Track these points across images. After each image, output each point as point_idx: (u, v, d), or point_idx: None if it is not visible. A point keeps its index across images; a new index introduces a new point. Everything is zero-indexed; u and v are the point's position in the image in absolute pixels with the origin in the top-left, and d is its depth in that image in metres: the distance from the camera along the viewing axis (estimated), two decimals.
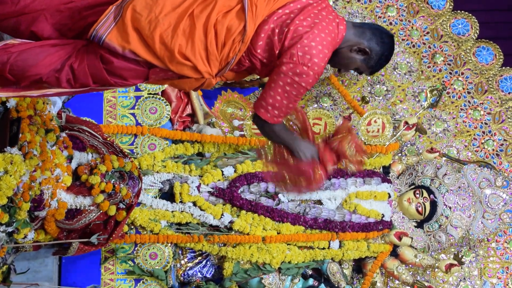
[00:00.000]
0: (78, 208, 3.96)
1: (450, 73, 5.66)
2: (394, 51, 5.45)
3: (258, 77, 4.87)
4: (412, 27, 5.62)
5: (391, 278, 5.34)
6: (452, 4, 5.60)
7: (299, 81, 2.92)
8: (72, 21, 2.99)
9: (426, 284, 5.22)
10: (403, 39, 5.61)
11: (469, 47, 5.60)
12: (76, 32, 3.02)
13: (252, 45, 2.97)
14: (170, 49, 2.85)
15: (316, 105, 5.60)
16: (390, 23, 5.61)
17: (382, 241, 5.19)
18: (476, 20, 5.59)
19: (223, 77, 3.11)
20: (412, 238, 5.17)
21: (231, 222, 4.73)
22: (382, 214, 5.09)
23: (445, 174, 5.28)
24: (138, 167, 4.52)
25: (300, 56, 2.89)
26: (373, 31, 3.09)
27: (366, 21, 5.53)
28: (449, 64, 5.64)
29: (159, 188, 4.68)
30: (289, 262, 4.91)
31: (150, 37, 2.85)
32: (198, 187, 4.67)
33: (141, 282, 4.70)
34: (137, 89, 4.79)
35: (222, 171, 4.78)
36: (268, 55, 2.98)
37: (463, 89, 5.66)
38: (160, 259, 4.65)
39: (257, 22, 2.90)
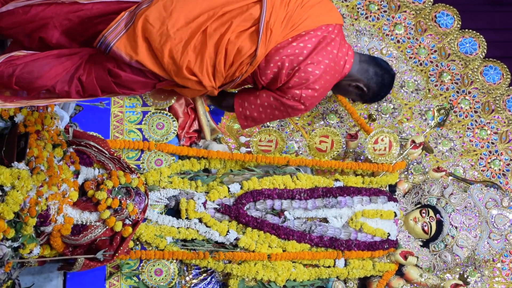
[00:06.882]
0: (84, 223, 3.95)
1: (457, 92, 5.65)
2: (402, 70, 5.48)
3: None
4: (419, 45, 5.62)
5: None
6: (460, 23, 5.60)
7: (290, 112, 3.07)
8: (82, 28, 3.00)
9: None
10: (410, 57, 5.60)
11: (476, 66, 5.59)
12: (85, 38, 3.03)
13: (259, 70, 3.01)
14: (178, 65, 2.86)
15: (322, 122, 5.59)
16: (398, 41, 5.61)
17: (388, 260, 5.17)
18: (483, 39, 5.59)
19: None
20: (417, 257, 5.15)
21: (236, 239, 4.71)
22: (388, 233, 5.07)
23: (452, 194, 5.26)
24: (145, 182, 4.51)
25: (303, 97, 3.00)
26: (377, 70, 3.19)
27: (375, 42, 5.54)
28: (456, 83, 5.64)
29: (165, 204, 4.66)
30: (294, 280, 4.89)
31: (159, 50, 2.86)
32: (204, 204, 4.66)
33: None
34: (145, 104, 4.78)
35: (228, 188, 4.76)
36: (270, 82, 3.04)
37: (470, 108, 5.65)
38: (165, 276, 4.63)
39: (269, 47, 2.91)
